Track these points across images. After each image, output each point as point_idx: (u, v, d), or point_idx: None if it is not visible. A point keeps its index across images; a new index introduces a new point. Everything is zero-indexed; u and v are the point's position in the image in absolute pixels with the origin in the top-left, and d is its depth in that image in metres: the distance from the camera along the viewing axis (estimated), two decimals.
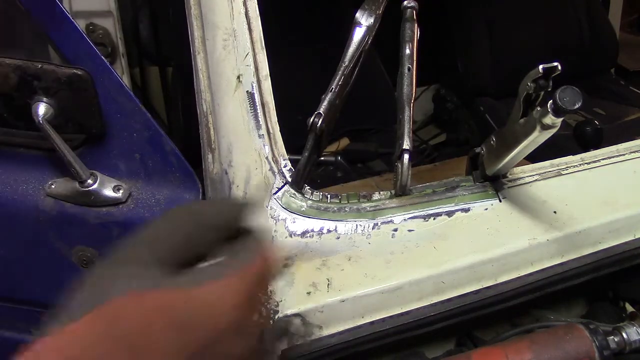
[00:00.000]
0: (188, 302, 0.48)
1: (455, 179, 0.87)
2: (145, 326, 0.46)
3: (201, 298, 0.49)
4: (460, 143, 2.44)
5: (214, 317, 0.49)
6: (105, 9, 1.77)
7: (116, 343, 0.45)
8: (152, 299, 0.47)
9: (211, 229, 0.57)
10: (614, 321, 0.84)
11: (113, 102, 0.96)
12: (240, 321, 0.51)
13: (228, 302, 0.50)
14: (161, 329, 0.46)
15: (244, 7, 0.90)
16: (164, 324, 0.46)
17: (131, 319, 0.46)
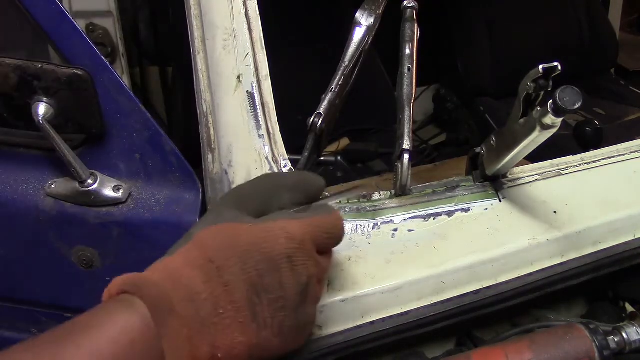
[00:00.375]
0: (253, 230, 0.59)
1: (455, 179, 0.87)
2: (218, 249, 0.58)
3: (266, 228, 0.59)
4: (460, 143, 2.44)
5: (272, 244, 0.58)
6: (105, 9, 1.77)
7: (196, 266, 0.57)
8: (227, 228, 0.59)
9: (288, 190, 0.66)
10: (614, 321, 0.84)
11: (113, 102, 0.96)
12: (294, 256, 0.59)
13: (288, 234, 0.59)
14: (228, 253, 0.57)
15: (244, 7, 0.90)
16: (231, 247, 0.58)
17: (210, 247, 0.58)
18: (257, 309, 0.58)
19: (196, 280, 0.57)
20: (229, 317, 0.57)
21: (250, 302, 0.58)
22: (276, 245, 0.59)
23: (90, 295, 1.10)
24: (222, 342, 0.57)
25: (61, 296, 1.11)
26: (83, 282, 1.07)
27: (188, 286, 0.57)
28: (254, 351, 0.59)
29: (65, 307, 1.13)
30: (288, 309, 0.59)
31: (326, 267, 0.65)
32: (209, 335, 0.57)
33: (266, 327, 0.59)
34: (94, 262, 1.04)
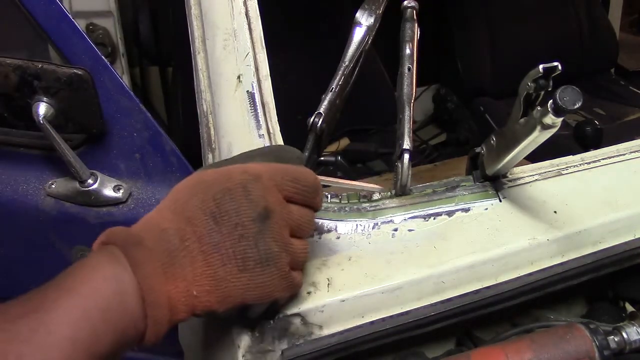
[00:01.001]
0: (216, 171, 0.65)
1: (455, 178, 0.87)
2: (184, 191, 0.64)
3: (228, 168, 0.65)
4: (460, 143, 2.44)
5: (230, 177, 0.63)
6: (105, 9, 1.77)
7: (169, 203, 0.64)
8: (195, 175, 0.66)
9: (262, 155, 0.71)
10: (614, 321, 0.84)
11: (113, 101, 0.96)
12: (248, 184, 0.62)
13: (245, 169, 0.64)
14: (192, 190, 0.63)
15: (244, 7, 0.90)
16: (195, 185, 0.64)
17: (179, 188, 0.65)
18: (218, 238, 0.61)
19: (164, 219, 0.62)
20: (194, 249, 0.60)
21: (210, 230, 0.61)
22: (233, 176, 0.63)
23: None
24: (191, 275, 0.60)
25: None
26: None
27: (157, 224, 0.61)
28: (223, 287, 0.61)
29: None
30: (247, 238, 0.61)
31: (302, 247, 0.66)
32: (180, 267, 0.60)
33: (229, 259, 0.61)
34: None
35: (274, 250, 0.62)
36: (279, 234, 0.63)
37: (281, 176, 0.65)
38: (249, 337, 0.70)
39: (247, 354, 0.70)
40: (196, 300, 0.60)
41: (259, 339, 0.70)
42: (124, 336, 0.56)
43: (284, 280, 0.64)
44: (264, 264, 0.62)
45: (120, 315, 0.56)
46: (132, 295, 0.57)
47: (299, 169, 0.67)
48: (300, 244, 0.66)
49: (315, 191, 0.67)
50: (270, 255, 0.62)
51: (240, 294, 0.62)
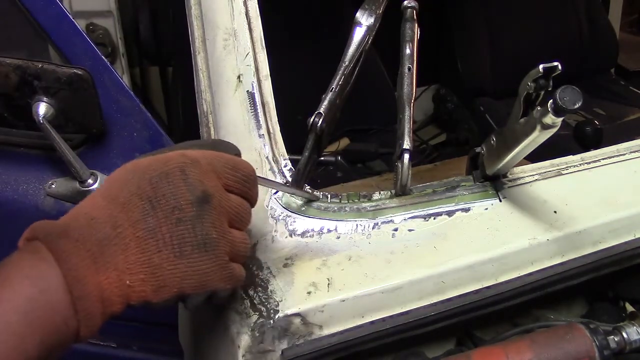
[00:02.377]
0: (153, 157, 0.62)
1: (455, 178, 0.87)
2: (118, 179, 0.61)
3: (165, 154, 0.63)
4: (460, 143, 2.44)
5: (167, 161, 0.61)
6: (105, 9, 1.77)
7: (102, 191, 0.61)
8: (130, 163, 0.63)
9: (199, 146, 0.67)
10: (614, 321, 0.84)
11: (113, 101, 0.97)
12: (186, 168, 0.60)
13: (184, 154, 0.62)
14: (127, 177, 0.61)
15: (244, 7, 0.90)
16: (130, 172, 0.61)
17: (112, 177, 0.62)
18: (154, 223, 0.58)
19: (95, 207, 0.59)
20: (127, 236, 0.57)
21: (146, 215, 0.58)
22: (170, 160, 0.61)
23: None
24: (124, 264, 0.57)
25: None
26: None
27: (86, 213, 0.58)
28: (158, 275, 0.58)
29: None
30: (185, 222, 0.58)
31: (242, 238, 0.64)
32: (112, 256, 0.57)
33: (165, 244, 0.58)
34: None
35: (213, 235, 0.60)
36: (218, 219, 0.61)
37: (220, 163, 0.63)
38: (249, 337, 0.70)
39: (247, 354, 0.70)
40: (130, 290, 0.57)
41: (259, 339, 0.70)
42: (55, 335, 0.53)
43: (222, 270, 0.61)
44: (202, 250, 0.59)
45: (47, 315, 0.52)
46: (58, 292, 0.53)
47: (237, 159, 0.65)
48: (240, 235, 0.64)
49: (253, 182, 0.65)
50: (209, 241, 0.59)
51: (176, 283, 0.59)
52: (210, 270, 0.60)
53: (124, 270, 0.57)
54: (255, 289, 0.74)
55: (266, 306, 0.71)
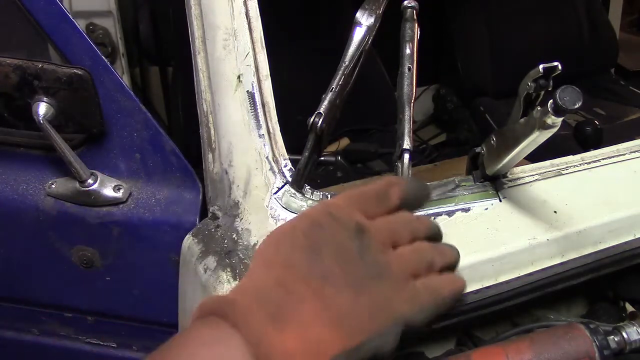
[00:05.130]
0: (292, 219, 0.60)
1: (455, 178, 0.87)
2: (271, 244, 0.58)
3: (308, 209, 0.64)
4: (460, 143, 2.44)
5: (312, 211, 0.59)
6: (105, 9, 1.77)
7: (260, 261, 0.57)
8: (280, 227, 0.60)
9: None
10: (614, 321, 0.84)
11: (113, 101, 0.96)
12: (333, 211, 0.58)
13: (326, 202, 0.63)
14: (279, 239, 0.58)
15: (244, 7, 0.90)
16: (282, 234, 0.58)
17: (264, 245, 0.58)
18: (322, 269, 0.54)
19: (256, 279, 0.55)
20: (300, 290, 0.53)
21: (312, 264, 0.54)
22: (313, 211, 0.58)
23: (91, 295, 1.11)
24: (307, 318, 0.51)
25: (61, 296, 1.11)
26: (83, 282, 1.07)
27: (251, 286, 0.55)
28: (346, 320, 0.52)
29: (65, 307, 1.13)
30: (353, 258, 0.55)
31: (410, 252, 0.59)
32: (290, 314, 0.52)
33: (343, 286, 0.53)
34: (94, 262, 1.04)
35: (382, 259, 0.56)
36: (382, 244, 0.57)
37: (362, 198, 0.60)
38: None
39: None
40: (327, 343, 0.51)
41: None
42: None
43: (403, 292, 0.56)
44: (377, 278, 0.55)
45: None
46: (245, 356, 0.49)
47: (361, 188, 0.62)
48: (405, 249, 0.59)
49: (385, 195, 0.61)
50: (380, 266, 0.55)
51: (370, 322, 0.53)
52: (391, 296, 0.55)
53: (307, 325, 0.51)
54: None
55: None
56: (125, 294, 1.05)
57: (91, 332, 1.15)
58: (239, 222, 0.83)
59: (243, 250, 0.80)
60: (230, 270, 0.79)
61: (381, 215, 0.60)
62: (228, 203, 0.86)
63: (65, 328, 1.16)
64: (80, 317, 1.14)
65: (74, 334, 1.16)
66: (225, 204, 0.87)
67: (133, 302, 1.07)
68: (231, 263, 0.79)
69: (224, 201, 0.87)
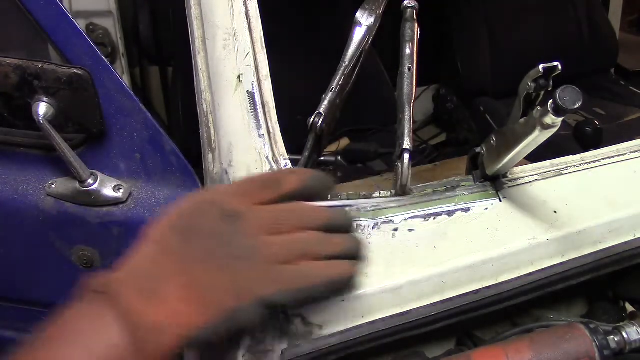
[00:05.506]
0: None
1: (455, 178, 0.87)
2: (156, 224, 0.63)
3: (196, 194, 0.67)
4: (460, 143, 2.44)
5: (193, 199, 0.64)
6: (105, 9, 1.77)
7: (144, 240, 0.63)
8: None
9: None
10: (614, 321, 0.84)
11: (113, 101, 0.96)
12: (217, 200, 0.62)
13: (214, 190, 0.69)
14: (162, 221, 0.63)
15: (244, 7, 0.90)
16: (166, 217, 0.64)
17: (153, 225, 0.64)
18: (192, 249, 0.60)
19: (134, 253, 0.61)
20: (167, 266, 0.59)
21: (182, 243, 0.60)
22: (196, 197, 0.64)
23: None
24: (172, 292, 0.58)
25: (61, 296, 1.11)
26: None
27: (128, 258, 0.61)
28: (204, 294, 0.58)
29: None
30: (221, 240, 0.60)
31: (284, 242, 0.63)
32: (157, 287, 0.58)
33: (208, 265, 0.59)
34: (94, 262, 1.04)
35: (251, 244, 0.60)
36: (256, 230, 0.61)
37: (240, 185, 0.66)
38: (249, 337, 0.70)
39: (247, 354, 0.70)
40: (186, 316, 0.58)
41: (259, 339, 0.70)
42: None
43: (266, 275, 0.60)
44: (242, 260, 0.60)
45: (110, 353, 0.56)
46: (116, 327, 0.56)
47: (252, 175, 0.69)
48: (283, 239, 0.62)
49: (276, 182, 0.65)
50: (247, 250, 0.60)
51: (225, 298, 0.58)
52: (252, 276, 0.59)
53: (172, 299, 0.58)
54: None
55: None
56: None
57: None
58: None
59: None
60: None
61: (269, 202, 0.64)
62: None
63: None
64: None
65: None
66: None
67: None
68: None
69: None
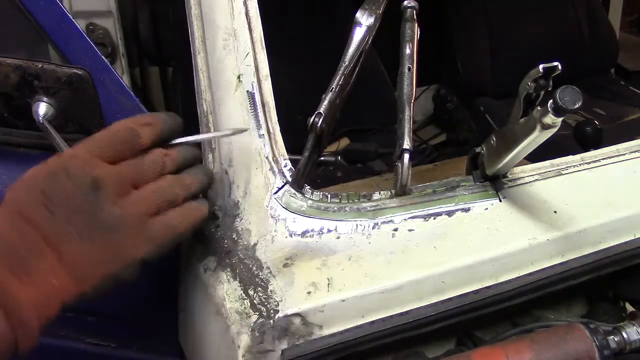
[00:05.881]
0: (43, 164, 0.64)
1: (455, 178, 0.87)
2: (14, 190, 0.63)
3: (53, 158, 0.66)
4: (460, 143, 2.44)
5: (50, 164, 0.64)
6: (105, 9, 1.77)
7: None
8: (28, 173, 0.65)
9: None
10: (614, 321, 0.84)
11: (113, 101, 0.96)
12: (69, 165, 0.63)
13: (64, 153, 0.66)
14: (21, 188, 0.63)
15: (244, 7, 0.90)
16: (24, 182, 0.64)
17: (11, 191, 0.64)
18: (58, 224, 0.61)
19: (7, 233, 0.60)
20: (39, 241, 0.60)
21: (48, 219, 0.61)
22: (51, 163, 0.64)
23: None
24: (46, 266, 0.59)
25: None
26: None
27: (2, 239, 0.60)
28: (79, 268, 0.60)
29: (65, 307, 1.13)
30: (85, 214, 0.61)
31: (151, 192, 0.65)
32: (30, 263, 0.59)
33: (76, 239, 0.60)
34: None
35: (116, 212, 0.62)
36: (118, 195, 0.63)
37: (96, 145, 0.65)
38: (249, 337, 0.70)
39: (247, 354, 0.70)
40: (60, 290, 0.60)
41: (259, 339, 0.70)
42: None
43: (139, 237, 0.63)
44: (112, 231, 0.62)
45: None
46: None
47: (110, 129, 0.67)
48: (147, 190, 0.65)
49: (133, 138, 0.66)
50: (114, 218, 0.62)
51: (96, 267, 0.61)
52: (125, 242, 0.62)
53: (46, 272, 0.59)
54: (255, 289, 0.74)
55: (266, 306, 0.71)
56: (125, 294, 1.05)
57: (91, 332, 1.15)
58: (238, 222, 0.83)
59: (243, 250, 0.80)
60: (230, 270, 0.79)
61: (128, 157, 0.65)
62: (228, 203, 0.86)
63: (65, 328, 1.16)
64: (80, 317, 1.13)
65: (74, 334, 1.16)
66: (225, 204, 0.87)
67: (133, 302, 1.06)
68: (231, 263, 0.79)
69: (224, 201, 0.87)
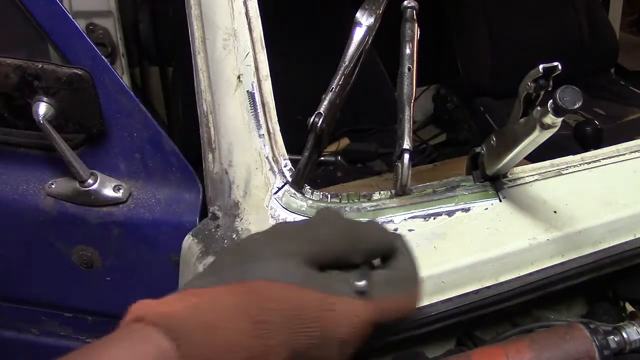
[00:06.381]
0: (316, 302, 0.54)
1: (455, 178, 0.87)
2: (278, 314, 0.52)
3: (330, 304, 0.55)
4: (460, 143, 2.44)
5: (332, 326, 0.54)
6: (105, 9, 1.77)
7: (247, 317, 0.51)
8: (295, 293, 0.54)
9: (366, 245, 0.60)
10: (614, 321, 0.84)
11: (113, 101, 0.96)
12: (347, 343, 0.55)
13: (350, 322, 0.55)
14: (285, 315, 0.52)
15: (244, 7, 0.90)
16: (288, 310, 0.52)
17: (270, 304, 0.52)
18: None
19: (239, 333, 0.51)
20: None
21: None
22: (336, 329, 0.55)
23: (91, 295, 1.11)
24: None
25: (61, 296, 1.11)
26: (83, 282, 1.07)
27: (226, 338, 0.50)
28: None
29: (65, 307, 1.13)
30: None
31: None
32: None
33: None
34: (94, 262, 1.04)
35: None
36: None
37: (383, 320, 0.57)
38: None
39: None
40: None
41: None
42: None
43: None
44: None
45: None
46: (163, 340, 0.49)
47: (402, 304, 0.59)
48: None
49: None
50: None
51: None
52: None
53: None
54: None
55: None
56: (125, 294, 1.05)
57: (91, 332, 1.15)
58: (239, 222, 0.83)
59: None
60: None
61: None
62: (228, 203, 0.86)
63: (65, 328, 1.16)
64: (80, 317, 1.14)
65: (74, 334, 1.16)
66: (225, 204, 0.87)
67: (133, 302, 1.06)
68: None
69: (224, 201, 0.87)
